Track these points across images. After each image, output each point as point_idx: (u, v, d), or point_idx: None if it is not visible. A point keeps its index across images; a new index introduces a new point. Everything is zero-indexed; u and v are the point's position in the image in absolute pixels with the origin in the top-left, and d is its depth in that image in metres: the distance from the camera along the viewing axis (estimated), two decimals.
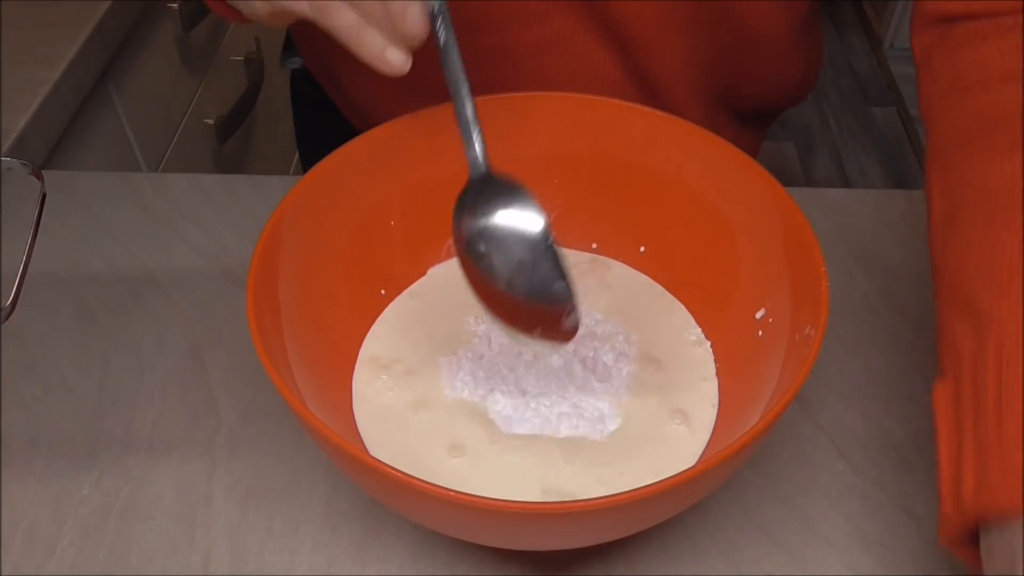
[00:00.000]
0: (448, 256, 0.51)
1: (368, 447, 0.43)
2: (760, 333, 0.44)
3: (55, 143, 0.75)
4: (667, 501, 0.35)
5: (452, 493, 0.32)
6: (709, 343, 0.47)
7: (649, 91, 0.59)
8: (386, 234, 0.48)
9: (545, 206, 0.51)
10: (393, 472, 0.32)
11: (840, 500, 0.45)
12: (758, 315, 0.44)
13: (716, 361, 0.47)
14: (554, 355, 0.46)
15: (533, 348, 0.46)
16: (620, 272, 0.51)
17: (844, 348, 0.52)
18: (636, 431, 0.43)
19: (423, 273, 0.51)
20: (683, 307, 0.49)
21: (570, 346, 0.46)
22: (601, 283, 0.51)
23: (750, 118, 0.67)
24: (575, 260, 0.52)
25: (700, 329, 0.48)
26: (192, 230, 0.59)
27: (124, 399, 0.49)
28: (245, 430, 0.48)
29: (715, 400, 0.45)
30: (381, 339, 0.48)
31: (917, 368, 0.51)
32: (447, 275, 0.51)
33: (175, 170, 1.02)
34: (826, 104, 2.04)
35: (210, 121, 1.14)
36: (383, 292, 0.49)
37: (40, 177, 0.41)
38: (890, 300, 0.55)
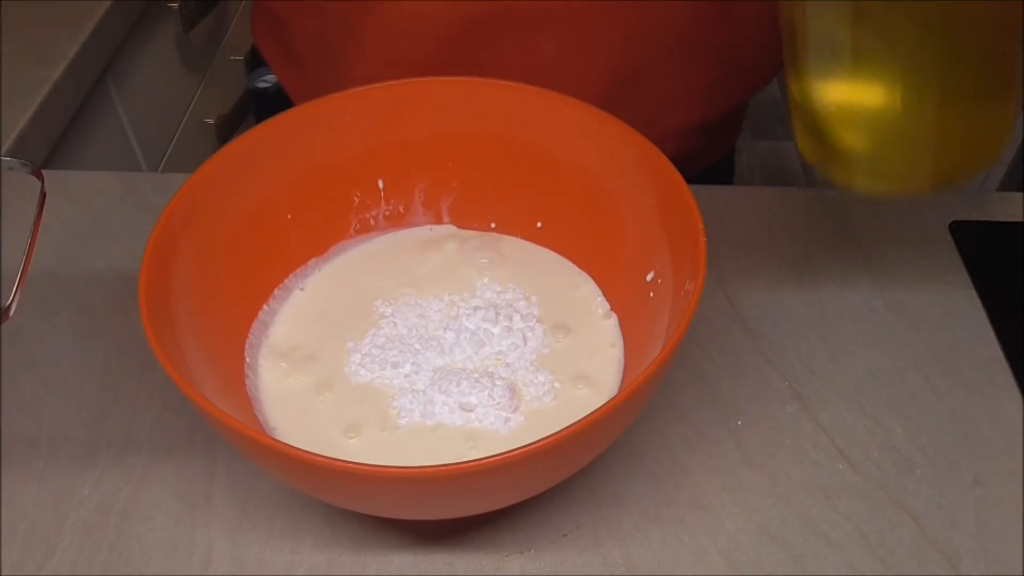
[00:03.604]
0: (353, 237, 0.51)
1: (270, 432, 0.43)
2: (652, 295, 0.45)
3: (55, 143, 0.75)
4: (559, 453, 0.35)
5: (328, 460, 0.32)
6: (615, 315, 0.48)
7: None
8: (282, 227, 0.48)
9: (442, 190, 0.52)
10: (275, 444, 0.33)
11: (840, 500, 0.45)
12: (648, 278, 0.45)
13: (622, 328, 0.47)
14: (464, 327, 0.46)
15: None
16: (521, 247, 0.52)
17: (844, 348, 0.52)
18: (541, 420, 0.43)
19: (326, 261, 0.51)
20: (588, 277, 0.50)
21: (477, 317, 0.47)
22: (503, 258, 0.51)
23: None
24: (471, 237, 0.52)
25: (606, 300, 0.49)
26: None
27: (124, 399, 0.49)
28: None
29: (621, 365, 0.46)
30: (286, 328, 0.48)
31: (917, 368, 0.51)
32: (350, 263, 0.51)
33: (175, 170, 1.02)
34: None
35: (210, 121, 1.14)
36: (282, 285, 0.49)
37: (40, 177, 0.41)
38: (890, 300, 0.55)
